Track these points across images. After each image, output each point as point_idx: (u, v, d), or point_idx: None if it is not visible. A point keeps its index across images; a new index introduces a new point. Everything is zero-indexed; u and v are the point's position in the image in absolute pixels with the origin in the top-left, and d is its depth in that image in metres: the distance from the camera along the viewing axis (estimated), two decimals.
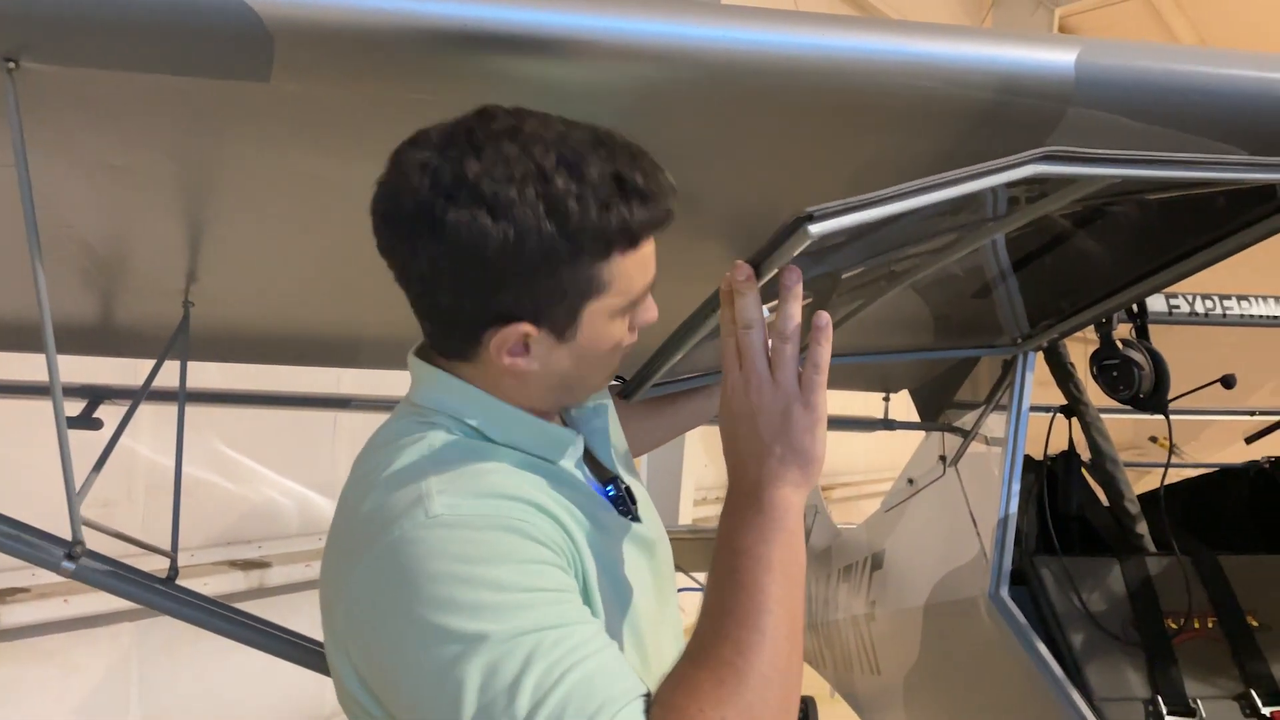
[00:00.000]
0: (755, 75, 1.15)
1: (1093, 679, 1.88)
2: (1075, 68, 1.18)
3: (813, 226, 0.87)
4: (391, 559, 0.86)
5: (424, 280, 0.97)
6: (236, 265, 1.80)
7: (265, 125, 1.24)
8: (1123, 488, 2.12)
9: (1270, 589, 2.05)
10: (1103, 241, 1.72)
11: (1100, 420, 2.17)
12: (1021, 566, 2.04)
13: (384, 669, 0.87)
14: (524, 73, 1.12)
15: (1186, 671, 1.90)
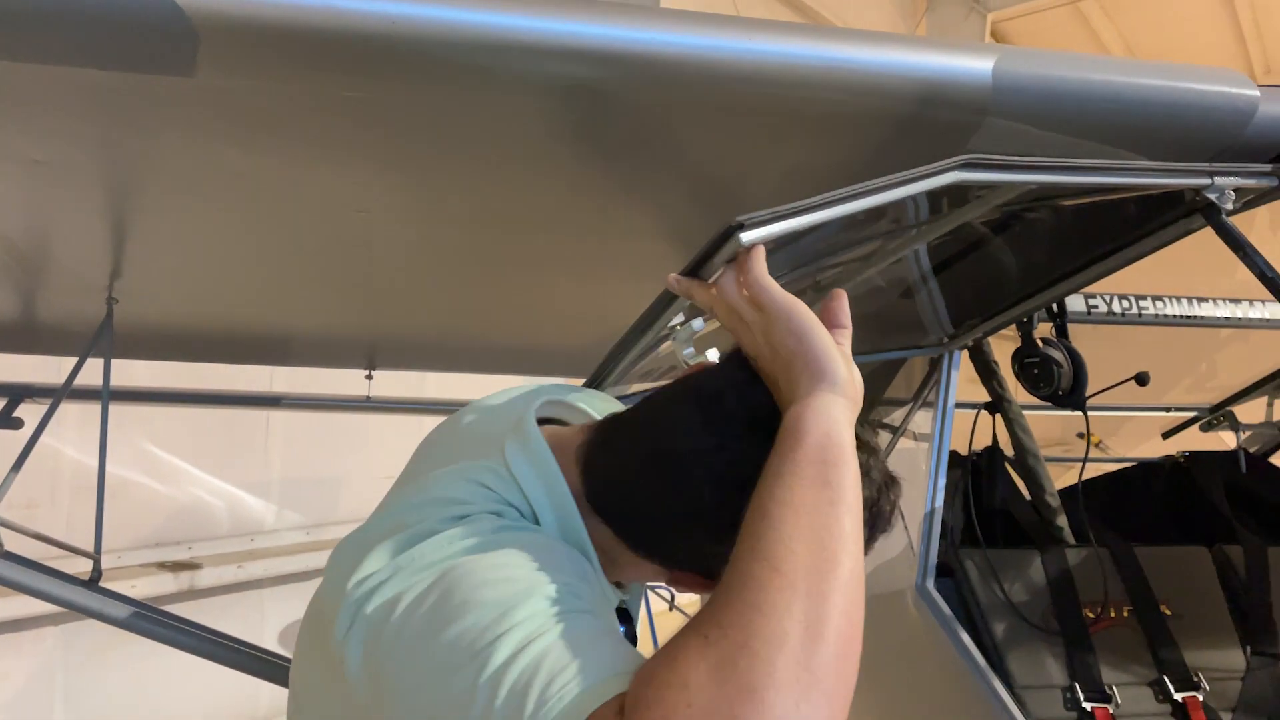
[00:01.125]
0: (677, 78, 1.17)
1: (1014, 667, 1.94)
2: (993, 76, 1.21)
3: (744, 235, 0.89)
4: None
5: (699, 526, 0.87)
6: (162, 262, 1.77)
7: (191, 121, 1.22)
8: (1043, 481, 2.19)
9: (1183, 579, 2.13)
10: (1023, 245, 1.77)
11: (1022, 416, 2.24)
12: (947, 559, 2.09)
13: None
14: (455, 70, 1.12)
15: (1103, 659, 1.97)
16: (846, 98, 1.21)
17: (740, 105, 1.23)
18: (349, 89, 1.13)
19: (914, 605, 2.08)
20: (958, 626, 1.96)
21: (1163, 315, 2.31)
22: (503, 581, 0.75)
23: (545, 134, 1.33)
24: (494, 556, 0.78)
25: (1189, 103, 1.28)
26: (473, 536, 0.80)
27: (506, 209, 1.53)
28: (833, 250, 1.40)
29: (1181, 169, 1.24)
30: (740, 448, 0.82)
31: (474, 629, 0.71)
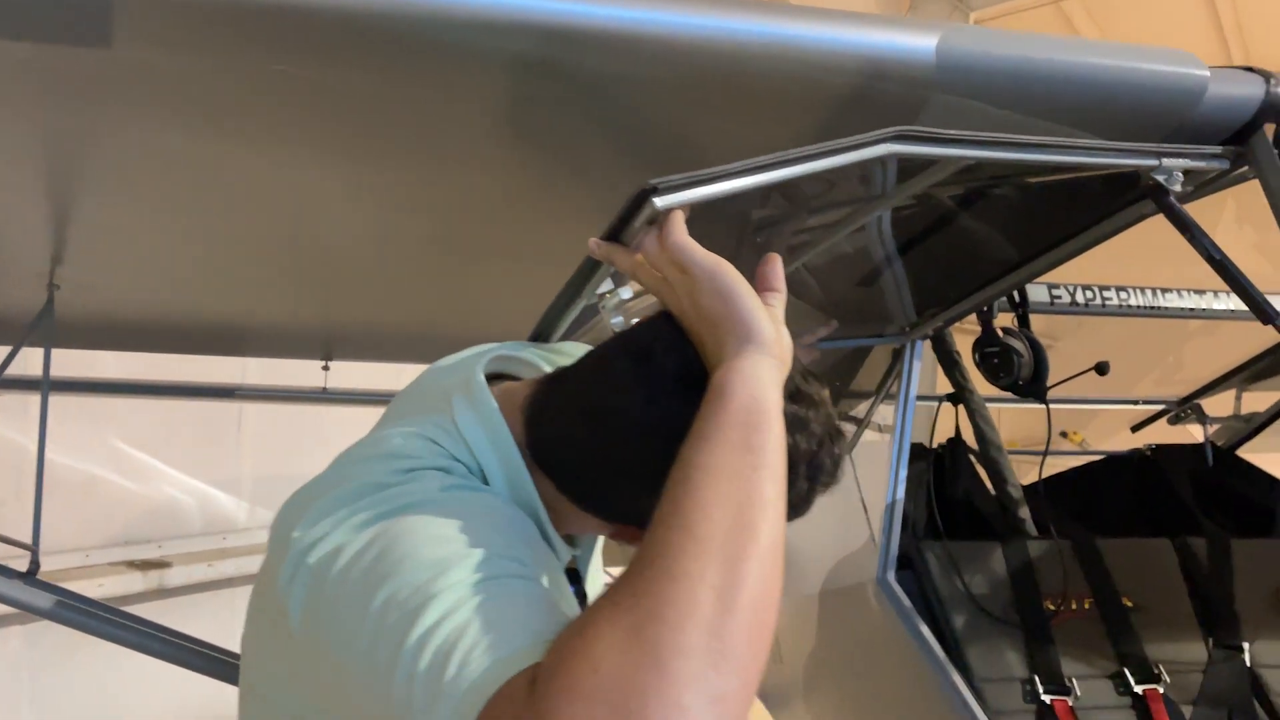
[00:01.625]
0: (623, 53, 1.14)
1: (973, 660, 1.92)
2: (936, 53, 1.19)
3: (658, 199, 0.86)
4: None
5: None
6: (104, 248, 1.73)
7: (115, 97, 1.19)
8: (1006, 473, 2.17)
9: (1145, 571, 2.12)
10: (980, 232, 1.75)
11: (985, 408, 2.22)
12: (908, 551, 2.07)
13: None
14: (384, 41, 1.09)
15: (1063, 651, 1.95)
16: (794, 73, 1.19)
17: (688, 82, 1.20)
18: (277, 63, 1.10)
19: (875, 598, 2.06)
20: (917, 619, 1.94)
21: (1126, 306, 2.29)
22: (442, 540, 0.74)
23: (490, 115, 1.30)
24: (437, 514, 0.77)
25: (1137, 82, 1.26)
26: (418, 493, 0.79)
27: (454, 194, 1.50)
28: (778, 222, 1.38)
29: (1128, 149, 1.22)
30: (670, 403, 0.81)
31: (408, 587, 0.70)
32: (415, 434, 0.89)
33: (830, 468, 0.87)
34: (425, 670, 0.66)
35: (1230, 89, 1.31)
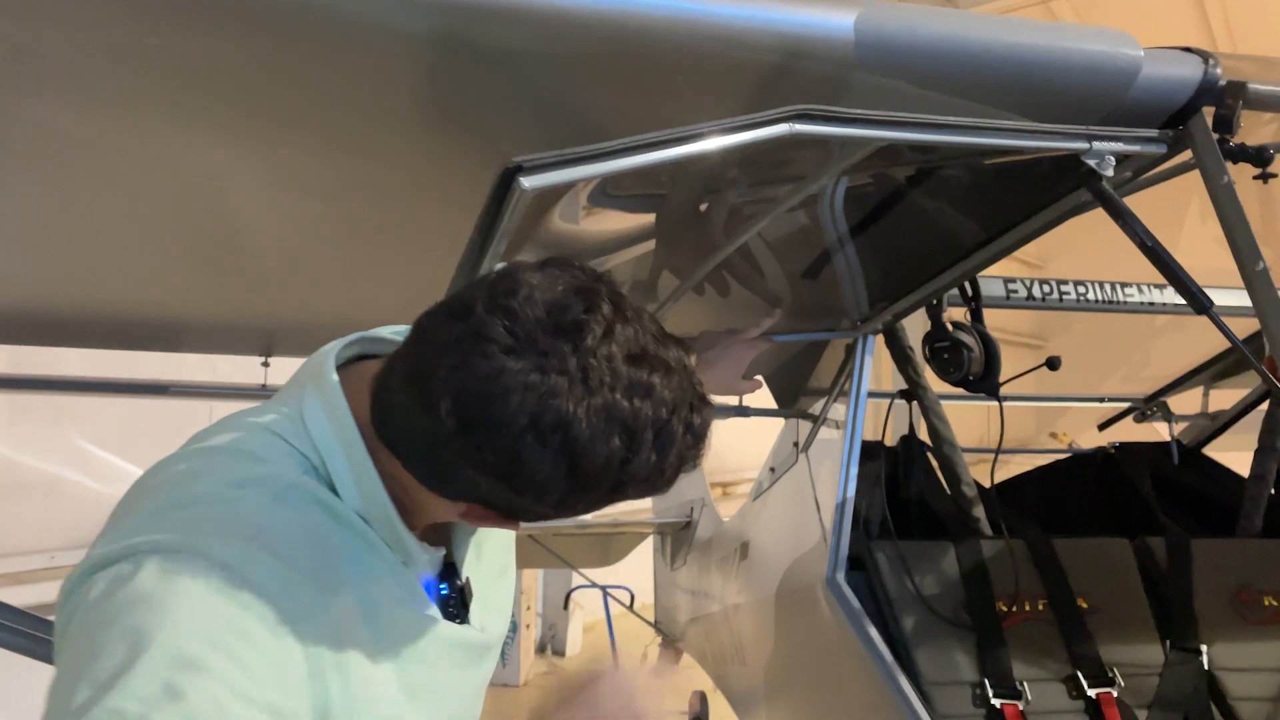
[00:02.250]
0: (520, 26, 1.09)
1: (922, 663, 1.87)
2: (855, 30, 1.14)
3: (524, 180, 0.81)
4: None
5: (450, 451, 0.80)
6: (13, 237, 1.67)
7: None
8: (960, 472, 2.12)
9: (1102, 571, 2.07)
10: (923, 222, 1.70)
11: (939, 405, 2.17)
12: (859, 551, 2.02)
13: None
14: (279, 15, 1.04)
15: (1015, 654, 1.90)
16: (707, 49, 1.14)
17: (597, 58, 1.15)
18: (149, 35, 1.04)
19: (825, 599, 2.01)
20: (865, 621, 1.89)
21: (1085, 300, 2.24)
22: (133, 648, 0.69)
23: (399, 95, 1.25)
24: (181, 610, 0.72)
25: (1067, 62, 1.21)
26: (175, 588, 0.73)
27: (369, 179, 1.44)
28: (698, 201, 1.32)
29: (1056, 131, 1.17)
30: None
31: (69, 684, 0.68)
32: (264, 427, 0.86)
33: (685, 438, 0.80)
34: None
35: (1166, 70, 1.26)
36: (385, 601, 0.88)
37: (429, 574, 0.95)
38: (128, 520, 0.80)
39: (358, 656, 0.84)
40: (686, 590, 4.42)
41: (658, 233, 1.51)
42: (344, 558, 0.85)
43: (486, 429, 0.75)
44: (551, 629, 7.52)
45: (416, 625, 0.91)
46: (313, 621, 0.79)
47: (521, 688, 6.71)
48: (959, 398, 2.39)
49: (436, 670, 0.93)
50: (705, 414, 0.83)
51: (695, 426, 0.81)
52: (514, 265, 0.82)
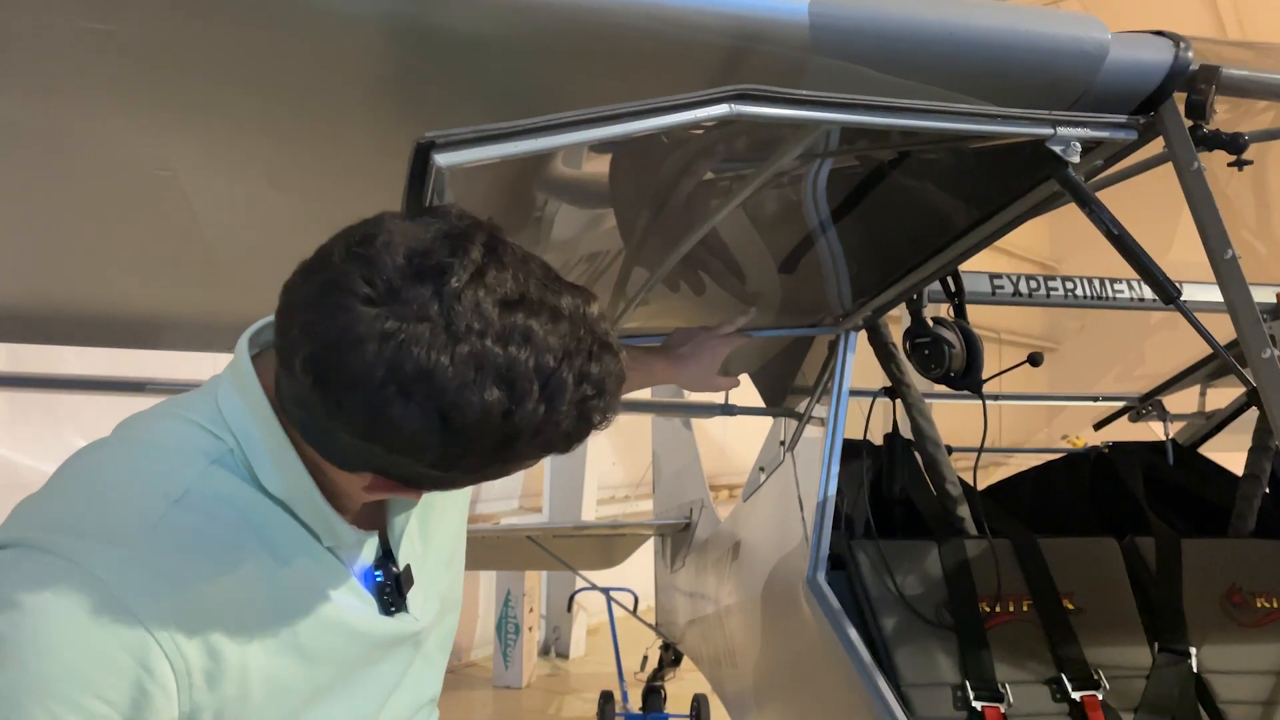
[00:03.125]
0: (469, 6, 1.07)
1: (902, 665, 1.83)
2: (809, 12, 1.11)
3: (438, 157, 0.79)
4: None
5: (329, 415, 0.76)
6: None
7: None
8: (944, 471, 2.08)
9: (1090, 571, 2.03)
10: (897, 215, 1.67)
11: (923, 402, 2.13)
12: (839, 551, 1.98)
13: None
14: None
15: (998, 655, 1.87)
16: (659, 30, 1.11)
17: (549, 40, 1.13)
18: (93, 20, 1.03)
19: (805, 599, 1.98)
20: (845, 621, 1.86)
21: (1072, 296, 2.20)
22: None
23: (355, 82, 1.23)
24: (39, 628, 0.71)
25: (1031, 45, 1.18)
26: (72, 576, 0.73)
27: (321, 167, 1.42)
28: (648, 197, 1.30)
29: (1018, 115, 1.14)
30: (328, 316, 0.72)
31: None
32: (177, 415, 0.84)
33: (582, 388, 0.75)
34: None
35: (1135, 54, 1.22)
36: (296, 594, 0.85)
37: (364, 562, 0.93)
38: (29, 506, 0.79)
39: (251, 659, 0.81)
40: (685, 592, 4.39)
41: (621, 219, 1.49)
42: (248, 554, 0.82)
43: (343, 384, 0.71)
44: (555, 631, 7.49)
45: (333, 619, 0.88)
46: (188, 631, 0.77)
47: (524, 690, 6.69)
48: (948, 396, 2.36)
49: (352, 666, 0.90)
50: (606, 363, 0.78)
51: (593, 376, 0.76)
52: (380, 215, 0.77)
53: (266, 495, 0.84)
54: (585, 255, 1.65)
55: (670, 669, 5.26)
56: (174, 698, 0.76)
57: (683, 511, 4.94)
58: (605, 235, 1.57)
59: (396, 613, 0.95)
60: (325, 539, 0.88)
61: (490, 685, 6.72)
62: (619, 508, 8.19)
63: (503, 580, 6.86)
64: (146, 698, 0.74)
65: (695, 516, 4.71)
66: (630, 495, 8.27)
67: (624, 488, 8.35)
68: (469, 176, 0.91)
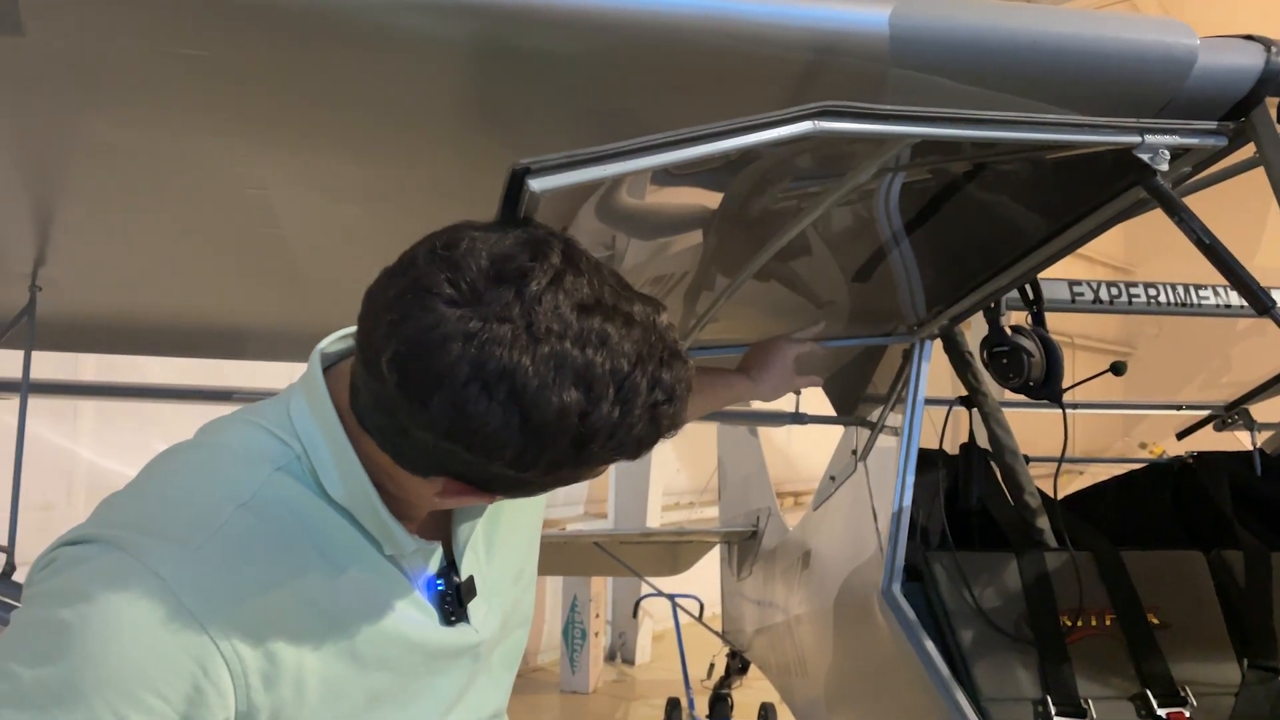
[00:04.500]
0: (551, 26, 1.09)
1: (980, 678, 1.81)
2: (890, 24, 1.11)
3: (532, 182, 0.80)
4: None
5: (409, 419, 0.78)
6: (88, 248, 1.73)
7: (40, 89, 1.17)
8: (1023, 481, 2.05)
9: (1175, 585, 1.98)
10: (976, 223, 1.65)
11: (1000, 411, 2.10)
12: (915, 562, 1.97)
13: None
14: (294, 21, 1.05)
15: (1080, 670, 1.83)
16: (737, 47, 1.12)
17: (628, 59, 1.15)
18: (183, 45, 1.07)
19: (880, 610, 1.96)
20: (921, 633, 1.84)
21: (1156, 303, 2.16)
22: (33, 657, 0.74)
23: (440, 101, 1.26)
24: (105, 623, 0.74)
25: (1117, 53, 1.16)
26: (98, 589, 0.76)
27: (405, 183, 1.46)
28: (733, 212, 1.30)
29: (1105, 124, 1.12)
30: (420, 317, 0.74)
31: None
32: (257, 424, 0.87)
33: (654, 393, 0.76)
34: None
35: (1225, 59, 1.20)
36: (354, 601, 0.87)
37: (426, 572, 0.94)
38: (110, 504, 0.83)
39: (306, 663, 0.83)
40: (752, 600, 4.37)
41: (691, 238, 1.50)
42: (309, 560, 0.84)
43: (427, 383, 0.72)
44: (621, 637, 7.52)
45: (390, 628, 0.89)
46: (246, 633, 0.79)
47: (591, 695, 6.72)
48: (1022, 405, 2.32)
49: (407, 676, 0.91)
50: (677, 370, 0.78)
51: (665, 382, 0.77)
52: (462, 222, 0.79)
53: (330, 502, 0.86)
54: (651, 279, 1.66)
55: (737, 677, 5.25)
56: (229, 697, 0.79)
57: (749, 519, 4.92)
58: (675, 257, 1.58)
59: (457, 623, 0.96)
60: (386, 547, 0.89)
61: (557, 690, 6.76)
62: (684, 514, 8.19)
63: (569, 585, 6.90)
64: (201, 696, 0.77)
65: (762, 524, 4.70)
66: (695, 502, 8.26)
67: (689, 494, 8.34)
68: (549, 200, 0.93)
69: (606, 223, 1.22)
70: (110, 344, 2.03)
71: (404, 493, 0.87)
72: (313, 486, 0.85)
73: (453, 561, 0.97)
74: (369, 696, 0.88)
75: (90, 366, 3.84)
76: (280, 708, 0.82)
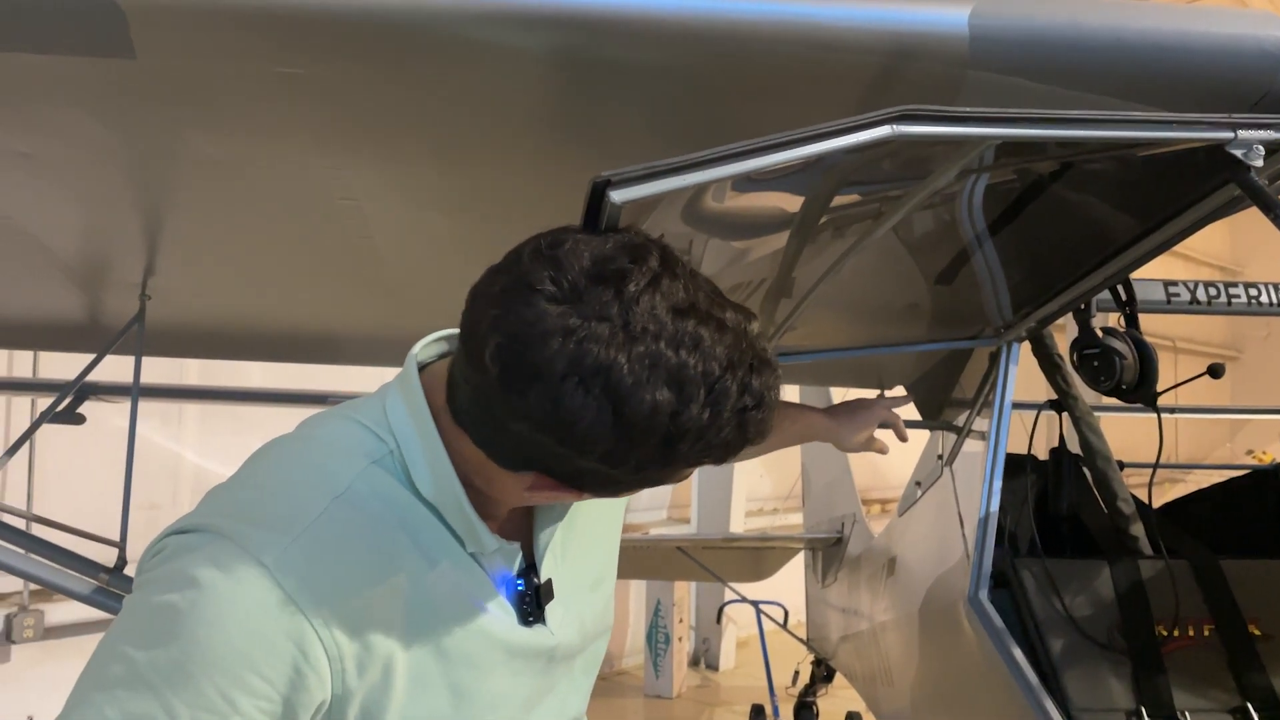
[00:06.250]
0: (630, 38, 1.12)
1: (1071, 688, 1.77)
2: (969, 25, 1.10)
3: (613, 194, 0.83)
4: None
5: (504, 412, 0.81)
6: (195, 258, 1.81)
7: (149, 108, 1.24)
8: (1116, 487, 2.00)
9: (1278, 596, 1.91)
10: (1065, 224, 1.62)
11: (1092, 415, 2.06)
12: (1003, 569, 1.93)
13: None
14: (385, 38, 1.09)
15: (1176, 682, 1.78)
16: (812, 54, 1.13)
17: (704, 67, 1.16)
18: (280, 64, 1.12)
19: (967, 618, 1.93)
20: (1010, 641, 1.81)
21: (1257, 304, 2.08)
22: (159, 646, 0.77)
23: (514, 110, 1.29)
24: (212, 606, 0.78)
25: (1205, 47, 1.14)
26: (202, 587, 0.79)
27: (491, 193, 1.50)
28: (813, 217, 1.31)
29: (1194, 121, 1.10)
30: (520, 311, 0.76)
31: (113, 644, 0.79)
32: (354, 419, 0.90)
33: (743, 398, 0.77)
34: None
35: None
36: (441, 595, 0.89)
37: (506, 570, 0.96)
38: (216, 494, 0.87)
39: (396, 653, 0.85)
40: (837, 607, 4.33)
41: (769, 245, 1.50)
42: (400, 551, 0.87)
43: (526, 375, 0.75)
44: (705, 643, 7.51)
45: (473, 623, 0.91)
46: (342, 620, 0.82)
47: (675, 700, 6.73)
48: (1119, 410, 2.27)
49: (488, 672, 0.93)
50: (766, 377, 0.80)
51: (754, 388, 0.78)
52: (565, 225, 0.82)
53: (419, 497, 0.89)
54: (728, 287, 1.67)
55: (822, 685, 5.20)
56: (326, 681, 0.82)
57: (834, 525, 4.88)
58: (751, 264, 1.59)
59: (534, 624, 0.97)
60: (469, 544, 0.91)
61: (641, 694, 6.79)
62: (767, 520, 8.15)
63: (653, 590, 6.92)
64: (301, 679, 0.80)
65: (847, 531, 4.65)
66: (779, 508, 8.21)
67: (772, 500, 8.30)
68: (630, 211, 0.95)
69: (683, 228, 1.24)
70: (212, 349, 2.12)
71: (492, 489, 0.90)
72: (404, 481, 0.88)
73: (532, 563, 0.99)
74: (452, 691, 0.91)
75: (194, 373, 4.02)
76: (370, 695, 0.85)
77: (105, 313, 1.92)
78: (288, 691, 0.80)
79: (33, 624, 4.20)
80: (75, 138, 1.33)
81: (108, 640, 0.80)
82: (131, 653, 0.78)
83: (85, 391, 2.15)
